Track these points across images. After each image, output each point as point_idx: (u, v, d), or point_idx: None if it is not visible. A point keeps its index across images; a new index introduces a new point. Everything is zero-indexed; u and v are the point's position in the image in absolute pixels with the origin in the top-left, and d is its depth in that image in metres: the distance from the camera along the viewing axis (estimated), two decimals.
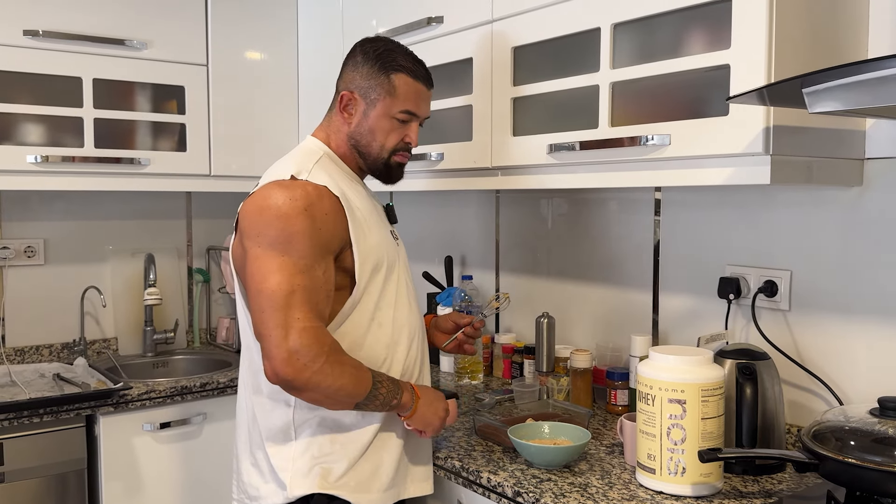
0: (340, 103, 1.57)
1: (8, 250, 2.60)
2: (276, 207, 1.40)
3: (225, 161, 2.63)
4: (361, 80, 1.56)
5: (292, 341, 1.34)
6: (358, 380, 1.40)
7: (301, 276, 1.37)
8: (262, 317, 1.37)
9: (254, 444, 1.56)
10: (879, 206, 1.57)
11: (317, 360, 1.34)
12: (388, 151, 1.59)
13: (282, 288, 1.36)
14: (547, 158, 1.76)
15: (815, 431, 1.39)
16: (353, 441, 1.50)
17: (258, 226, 1.41)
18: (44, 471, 2.14)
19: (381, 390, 1.43)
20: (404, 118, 1.57)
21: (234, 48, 2.64)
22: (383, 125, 1.56)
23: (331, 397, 1.39)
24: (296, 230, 1.38)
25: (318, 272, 1.40)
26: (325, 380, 1.35)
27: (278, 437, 1.50)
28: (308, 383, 1.35)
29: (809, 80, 1.16)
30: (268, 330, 1.36)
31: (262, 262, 1.39)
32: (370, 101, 1.56)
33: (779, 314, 1.75)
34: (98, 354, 2.76)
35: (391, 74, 1.55)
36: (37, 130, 2.35)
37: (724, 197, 1.85)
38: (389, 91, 1.55)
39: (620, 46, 1.62)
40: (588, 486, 1.49)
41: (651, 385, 1.45)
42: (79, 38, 2.35)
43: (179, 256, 2.97)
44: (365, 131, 1.57)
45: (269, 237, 1.39)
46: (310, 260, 1.39)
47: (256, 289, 1.38)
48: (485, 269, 2.54)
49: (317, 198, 1.42)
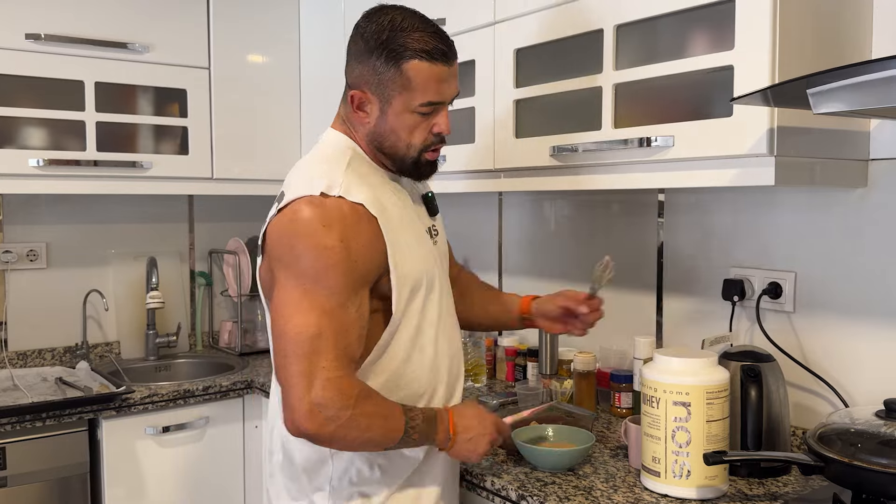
0: (354, 104, 1.38)
1: (10, 254, 2.60)
2: (306, 235, 1.25)
3: (227, 164, 2.63)
4: (370, 76, 1.35)
5: (315, 394, 1.22)
6: (386, 430, 1.29)
7: (329, 318, 1.24)
8: (285, 362, 1.24)
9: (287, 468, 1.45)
10: (884, 207, 1.57)
11: (342, 413, 1.23)
12: (416, 150, 1.39)
13: (309, 331, 1.23)
14: (550, 160, 1.75)
15: (821, 434, 1.38)
16: (395, 468, 1.41)
17: (288, 254, 1.27)
18: (46, 475, 2.14)
19: (414, 436, 1.32)
20: (427, 110, 1.37)
21: (235, 51, 2.64)
22: (406, 122, 1.36)
23: (356, 448, 1.32)
24: (329, 263, 1.25)
25: (352, 310, 1.27)
26: (351, 433, 1.25)
27: (314, 463, 1.40)
28: (333, 437, 1.25)
29: (814, 80, 1.16)
30: (290, 378, 1.23)
31: (289, 296, 1.26)
32: (385, 99, 1.35)
33: (783, 316, 1.74)
34: (100, 358, 2.76)
35: (402, 64, 1.32)
36: (39, 134, 2.35)
37: (728, 198, 1.84)
38: (404, 85, 1.33)
39: (623, 48, 1.61)
40: (592, 490, 1.49)
41: (655, 388, 1.44)
42: (81, 42, 2.36)
43: (182, 260, 2.97)
44: (386, 131, 1.37)
45: (298, 269, 1.26)
46: (342, 297, 1.26)
47: (280, 329, 1.25)
48: (488, 271, 2.54)
49: (353, 223, 1.28)
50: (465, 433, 1.38)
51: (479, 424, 1.40)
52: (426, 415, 1.34)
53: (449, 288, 1.51)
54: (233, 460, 2.44)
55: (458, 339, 1.52)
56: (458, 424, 1.38)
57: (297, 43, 2.73)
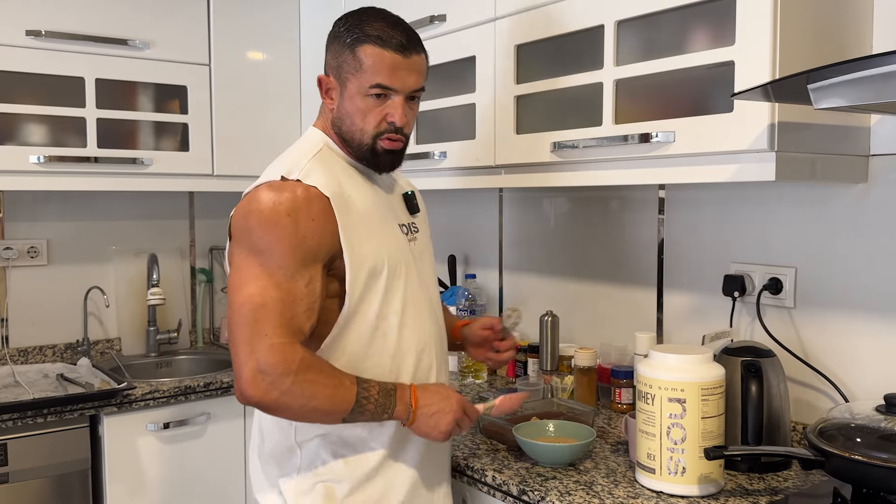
0: (321, 90, 1.46)
1: (11, 251, 2.60)
2: (258, 212, 1.31)
3: (228, 161, 2.63)
4: (332, 60, 1.43)
5: (257, 360, 1.26)
6: (335, 399, 1.30)
7: (276, 289, 1.28)
8: (231, 330, 1.29)
9: (262, 453, 1.50)
10: (884, 202, 1.57)
11: (283, 379, 1.26)
12: (369, 136, 1.41)
13: (253, 301, 1.28)
14: (551, 156, 1.75)
15: (822, 429, 1.38)
16: (360, 461, 1.41)
17: (241, 230, 1.33)
18: (48, 471, 2.14)
19: (368, 406, 1.32)
20: (377, 92, 1.39)
21: (236, 48, 2.64)
22: (358, 105, 1.40)
23: (305, 417, 1.32)
24: (276, 237, 1.30)
25: (300, 283, 1.30)
26: (295, 400, 1.27)
27: (283, 450, 1.43)
28: (277, 404, 1.28)
29: (815, 75, 1.16)
30: (234, 346, 1.28)
31: (240, 270, 1.31)
32: (342, 81, 1.41)
33: (784, 311, 1.74)
34: (101, 355, 2.76)
35: (356, 48, 1.38)
36: (40, 131, 2.35)
37: (728, 194, 1.84)
38: (356, 66, 1.38)
39: (624, 43, 1.61)
40: (593, 485, 1.49)
41: (651, 384, 1.44)
42: (81, 39, 2.36)
43: (182, 256, 2.97)
44: (344, 115, 1.42)
45: (249, 242, 1.32)
46: (290, 270, 1.30)
47: (230, 299, 1.31)
48: (488, 268, 2.54)
49: (304, 201, 1.32)
50: (427, 408, 1.37)
51: (442, 401, 1.39)
52: (384, 387, 1.35)
53: (429, 283, 1.53)
54: (234, 456, 2.44)
55: (435, 336, 1.51)
56: (420, 399, 1.37)
57: (298, 41, 2.73)
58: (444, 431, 1.38)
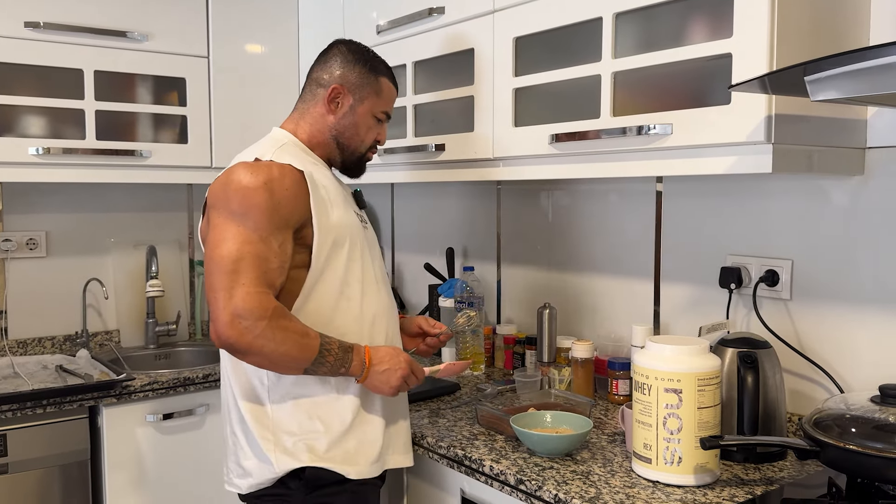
0: (329, 95, 1.65)
1: (10, 242, 2.61)
2: (237, 181, 1.47)
3: (226, 153, 2.63)
4: (354, 78, 1.66)
5: (235, 304, 1.39)
6: (302, 346, 1.43)
7: (252, 245, 1.43)
8: (210, 281, 1.43)
9: (235, 423, 1.60)
10: (880, 195, 1.58)
11: (258, 323, 1.39)
12: (365, 147, 1.71)
13: (231, 254, 1.42)
14: (549, 149, 1.76)
15: (817, 419, 1.39)
16: (333, 416, 1.54)
17: (220, 199, 1.48)
18: (47, 462, 2.15)
19: (329, 358, 1.47)
20: (382, 118, 1.71)
21: (234, 40, 2.64)
22: (367, 122, 1.68)
23: (275, 362, 1.44)
24: (254, 203, 1.44)
25: (273, 244, 1.45)
26: (268, 344, 1.40)
27: (257, 416, 1.55)
28: (251, 347, 1.40)
29: (812, 67, 1.17)
30: (213, 293, 1.41)
31: (219, 230, 1.45)
32: (358, 98, 1.66)
33: (780, 303, 1.75)
34: (100, 346, 2.77)
35: (379, 77, 1.69)
36: (38, 122, 2.35)
37: (725, 187, 1.85)
38: (377, 92, 1.68)
39: (622, 36, 1.62)
40: (590, 474, 1.50)
41: (647, 375, 1.45)
42: (80, 30, 2.36)
43: (181, 249, 2.97)
44: (349, 124, 1.67)
45: (228, 209, 1.46)
46: (265, 232, 1.44)
47: (209, 254, 1.45)
48: (486, 261, 2.55)
49: (279, 174, 1.48)
50: (379, 366, 1.53)
51: (392, 359, 1.55)
52: (343, 345, 1.50)
53: (381, 265, 1.70)
54: None
55: (390, 307, 1.67)
56: (373, 357, 1.53)
57: (296, 34, 2.73)
58: (393, 387, 1.54)
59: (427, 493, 1.80)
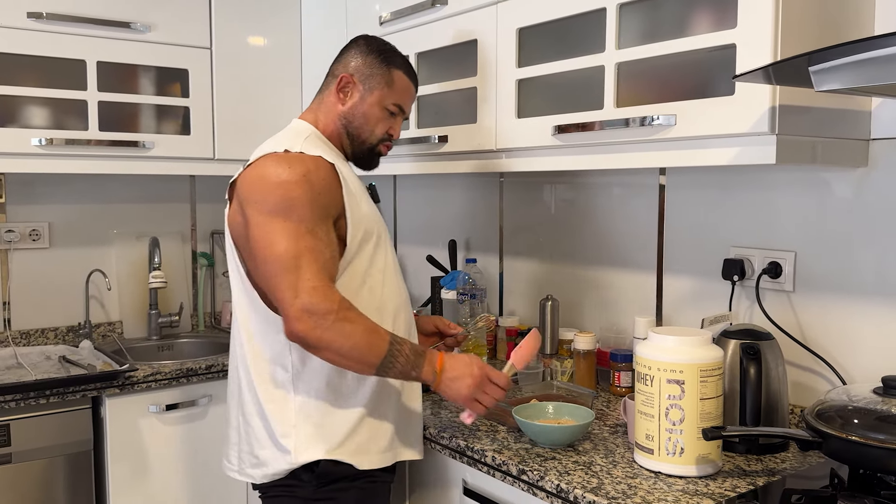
0: (339, 84, 1.65)
1: (13, 233, 2.61)
2: (275, 175, 1.46)
3: (229, 144, 2.63)
4: (364, 68, 1.65)
5: (303, 300, 1.39)
6: (370, 342, 1.43)
7: (305, 239, 1.43)
8: (275, 281, 1.43)
9: (249, 414, 1.59)
10: (884, 186, 1.57)
11: (327, 316, 1.40)
12: (376, 138, 1.68)
13: (289, 252, 1.42)
14: (552, 140, 1.76)
15: (819, 410, 1.39)
16: (353, 407, 1.55)
17: (259, 193, 1.47)
18: (50, 452, 2.16)
19: (399, 359, 1.45)
20: (394, 111, 1.68)
21: (237, 31, 2.64)
22: (376, 113, 1.66)
23: (345, 356, 1.43)
24: (296, 195, 1.44)
25: (322, 235, 1.46)
26: (337, 337, 1.40)
27: (278, 405, 1.54)
28: (321, 340, 1.40)
29: (816, 57, 1.16)
30: (281, 293, 1.42)
31: (266, 228, 1.44)
32: (368, 88, 1.65)
33: (783, 295, 1.75)
34: (103, 338, 2.78)
35: (392, 69, 1.66)
36: (41, 113, 2.35)
37: (728, 178, 1.85)
38: (388, 83, 1.65)
39: (626, 27, 1.61)
40: (592, 465, 1.50)
41: (649, 366, 1.45)
42: (83, 21, 2.35)
43: (184, 240, 2.98)
44: (358, 114, 1.65)
45: (270, 204, 1.45)
46: (311, 223, 1.45)
47: (264, 256, 1.44)
48: (488, 253, 2.55)
49: (314, 166, 1.49)
50: (450, 372, 1.51)
51: (464, 367, 1.52)
52: (414, 348, 1.49)
53: (395, 257, 1.69)
54: None
55: (407, 299, 1.68)
56: (445, 363, 1.51)
57: (299, 23, 2.72)
58: (465, 395, 1.51)
59: (429, 483, 1.80)
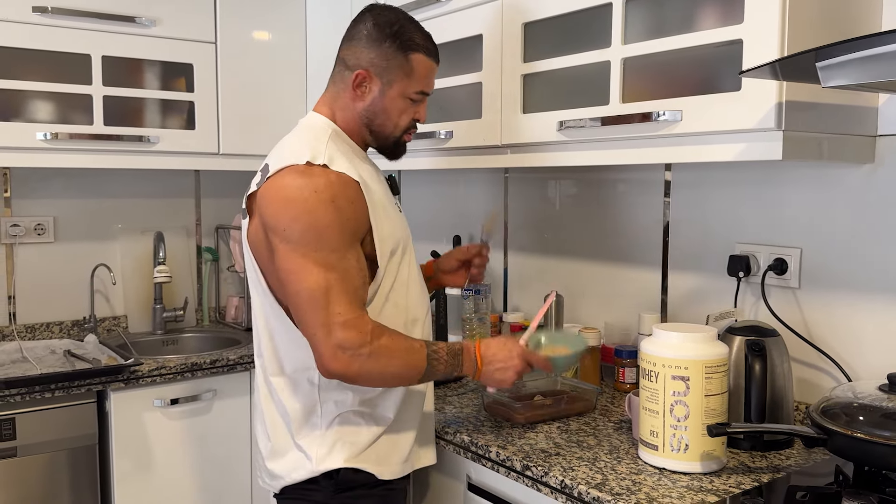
0: (354, 81, 1.53)
1: (18, 228, 2.61)
2: (301, 200, 1.38)
3: (234, 139, 2.63)
4: (379, 60, 1.52)
5: (335, 337, 1.36)
6: (408, 363, 1.42)
7: (335, 270, 1.37)
8: (306, 318, 1.39)
9: (274, 423, 1.56)
10: (890, 183, 1.57)
11: (362, 350, 1.37)
12: (400, 130, 1.58)
13: (319, 285, 1.36)
14: (557, 135, 1.75)
15: (824, 407, 1.39)
16: (378, 416, 1.52)
17: (284, 220, 1.39)
18: (55, 445, 2.17)
19: (439, 367, 1.45)
20: (417, 98, 1.57)
21: (242, 26, 2.63)
22: (398, 105, 1.55)
23: (387, 381, 1.45)
24: (324, 224, 1.37)
25: (352, 261, 1.40)
26: (375, 367, 1.39)
27: (303, 414, 1.51)
28: (359, 374, 1.39)
29: (824, 53, 1.16)
30: (313, 329, 1.38)
31: (294, 259, 1.38)
32: (386, 82, 1.53)
33: (788, 292, 1.75)
34: (108, 332, 2.78)
35: (409, 55, 1.52)
36: (46, 107, 2.35)
37: (734, 175, 1.84)
38: (407, 73, 1.53)
39: (632, 22, 1.61)
40: (596, 461, 1.50)
41: (654, 362, 1.45)
42: (88, 15, 2.35)
43: (188, 235, 2.98)
44: (379, 110, 1.54)
45: (297, 231, 1.38)
46: (341, 251, 1.39)
47: (294, 290, 1.39)
48: (493, 248, 2.54)
49: (340, 187, 1.40)
50: (491, 365, 1.51)
51: (505, 358, 1.52)
52: (451, 349, 1.48)
53: (416, 265, 1.64)
54: (239, 432, 2.46)
55: (428, 309, 1.65)
56: (484, 355, 1.51)
57: (304, 18, 2.72)
58: (509, 385, 1.54)
59: (433, 478, 1.81)
